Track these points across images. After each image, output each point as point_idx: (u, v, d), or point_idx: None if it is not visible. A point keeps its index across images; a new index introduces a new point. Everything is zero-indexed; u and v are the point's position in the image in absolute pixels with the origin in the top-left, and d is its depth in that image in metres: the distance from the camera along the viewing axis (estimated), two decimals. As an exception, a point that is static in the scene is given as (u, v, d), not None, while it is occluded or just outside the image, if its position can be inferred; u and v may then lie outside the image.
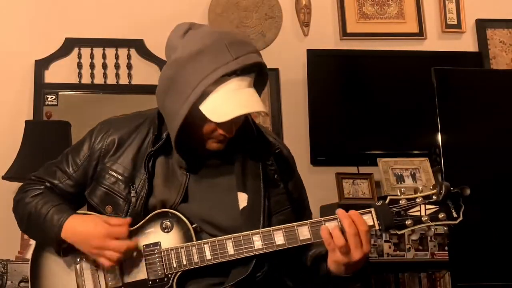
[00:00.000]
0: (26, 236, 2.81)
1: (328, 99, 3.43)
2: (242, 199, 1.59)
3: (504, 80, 2.81)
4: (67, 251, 1.63)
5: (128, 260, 1.59)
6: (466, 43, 3.66)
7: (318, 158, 3.33)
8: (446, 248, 2.96)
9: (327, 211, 3.09)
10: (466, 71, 3.01)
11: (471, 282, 2.45)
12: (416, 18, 3.65)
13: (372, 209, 1.50)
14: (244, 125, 1.65)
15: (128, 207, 1.61)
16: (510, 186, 2.53)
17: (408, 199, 1.50)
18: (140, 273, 1.58)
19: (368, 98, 3.44)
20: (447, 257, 2.72)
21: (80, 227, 1.58)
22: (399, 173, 3.20)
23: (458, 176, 2.49)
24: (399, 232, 1.50)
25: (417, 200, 1.50)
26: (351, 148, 3.38)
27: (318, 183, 3.25)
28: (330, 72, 3.47)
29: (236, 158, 1.64)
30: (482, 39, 3.65)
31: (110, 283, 1.60)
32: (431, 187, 1.52)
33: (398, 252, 3.08)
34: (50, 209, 1.62)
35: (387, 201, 1.51)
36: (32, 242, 2.66)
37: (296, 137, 3.36)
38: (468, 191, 1.49)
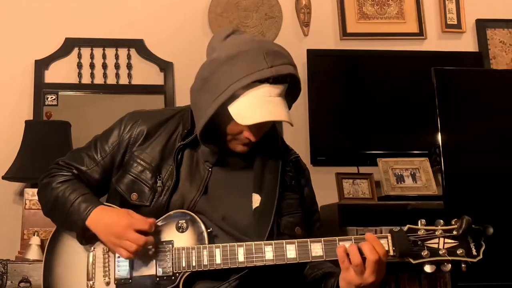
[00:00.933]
0: (26, 236, 2.82)
1: (328, 99, 3.43)
2: (256, 199, 1.63)
3: (504, 80, 2.81)
4: (88, 240, 1.65)
5: (139, 254, 1.60)
6: (466, 43, 3.66)
7: (318, 158, 3.33)
8: (446, 248, 2.95)
9: (327, 211, 3.09)
10: (466, 71, 3.01)
11: (471, 282, 2.45)
12: (416, 18, 3.65)
13: (389, 235, 1.49)
14: (270, 131, 1.70)
15: (153, 197, 1.64)
16: (510, 186, 2.53)
17: (427, 230, 1.48)
18: (150, 269, 1.60)
19: (368, 98, 3.44)
20: (447, 257, 2.71)
21: (105, 217, 1.61)
22: (399, 173, 3.20)
23: (458, 176, 2.49)
24: (413, 262, 1.47)
25: (437, 232, 1.48)
26: (351, 148, 3.38)
27: (318, 183, 3.22)
28: (330, 72, 3.47)
29: (257, 161, 1.68)
30: (482, 39, 3.65)
31: (118, 274, 1.62)
32: (453, 222, 1.49)
33: (398, 252, 3.08)
34: (79, 197, 1.64)
35: (405, 229, 1.49)
36: (32, 243, 2.68)
37: (296, 137, 3.35)
38: (491, 231, 1.45)
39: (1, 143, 3.18)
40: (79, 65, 3.36)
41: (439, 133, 2.53)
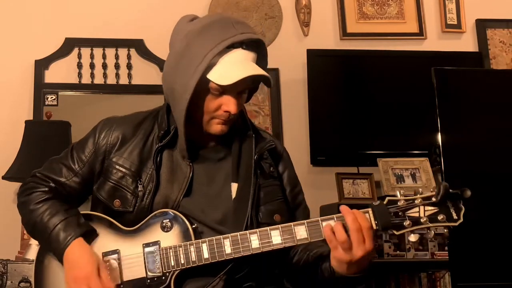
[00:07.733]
0: (26, 236, 2.82)
1: (328, 99, 3.43)
2: (235, 189, 1.64)
3: (504, 80, 2.81)
4: None
5: (127, 259, 1.60)
6: (466, 43, 3.66)
7: (318, 158, 3.33)
8: (446, 248, 2.96)
9: (327, 211, 3.09)
10: (466, 71, 3.01)
11: (471, 282, 2.45)
12: (416, 18, 3.66)
13: (370, 209, 1.50)
14: (241, 122, 1.72)
15: (136, 201, 1.63)
16: (510, 186, 2.53)
17: (406, 200, 1.49)
18: (139, 271, 1.59)
19: (368, 98, 3.44)
20: (447, 257, 2.72)
21: (76, 255, 1.60)
22: (399, 173, 3.20)
23: (458, 176, 2.49)
24: (396, 233, 1.48)
25: (416, 201, 1.48)
26: (351, 148, 3.38)
27: (318, 183, 3.26)
28: (330, 72, 3.47)
29: (234, 151, 1.69)
30: (482, 39, 3.65)
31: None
32: (431, 189, 1.50)
33: (398, 252, 3.08)
34: (57, 224, 1.63)
35: (385, 202, 1.49)
36: (32, 242, 2.68)
37: (296, 137, 3.36)
38: (468, 193, 1.46)
39: (1, 143, 3.18)
40: (79, 65, 3.36)
41: (439, 133, 2.53)
